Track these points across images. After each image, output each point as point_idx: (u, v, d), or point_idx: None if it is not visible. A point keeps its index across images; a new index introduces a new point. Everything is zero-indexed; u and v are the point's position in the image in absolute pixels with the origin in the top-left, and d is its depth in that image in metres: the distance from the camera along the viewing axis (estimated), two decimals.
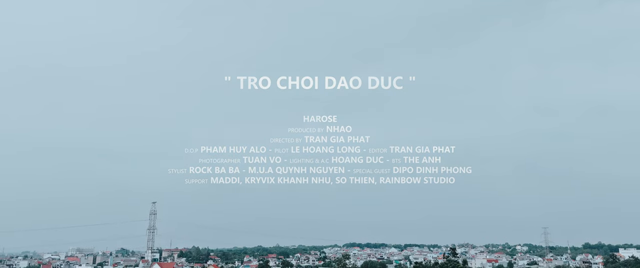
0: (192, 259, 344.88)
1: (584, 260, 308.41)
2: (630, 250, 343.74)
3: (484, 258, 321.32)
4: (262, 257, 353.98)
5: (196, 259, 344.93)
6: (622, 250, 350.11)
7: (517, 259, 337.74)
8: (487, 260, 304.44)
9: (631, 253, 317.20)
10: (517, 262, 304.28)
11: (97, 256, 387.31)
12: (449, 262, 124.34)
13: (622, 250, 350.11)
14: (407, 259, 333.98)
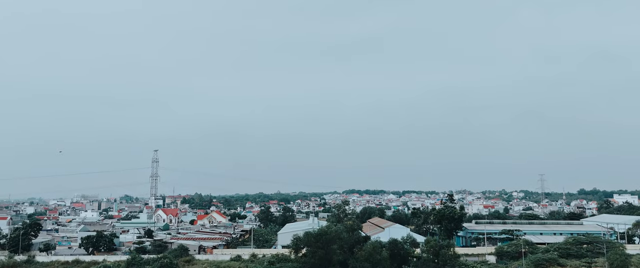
0: (195, 205, 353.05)
1: (578, 205, 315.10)
2: (624, 196, 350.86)
3: (480, 204, 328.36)
4: (263, 203, 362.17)
5: (199, 205, 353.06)
6: (617, 196, 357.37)
7: (513, 205, 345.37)
8: (484, 205, 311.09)
9: (625, 198, 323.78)
10: (512, 208, 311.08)
11: (102, 202, 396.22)
12: (446, 208, 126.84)
13: (617, 196, 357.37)
14: (405, 205, 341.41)
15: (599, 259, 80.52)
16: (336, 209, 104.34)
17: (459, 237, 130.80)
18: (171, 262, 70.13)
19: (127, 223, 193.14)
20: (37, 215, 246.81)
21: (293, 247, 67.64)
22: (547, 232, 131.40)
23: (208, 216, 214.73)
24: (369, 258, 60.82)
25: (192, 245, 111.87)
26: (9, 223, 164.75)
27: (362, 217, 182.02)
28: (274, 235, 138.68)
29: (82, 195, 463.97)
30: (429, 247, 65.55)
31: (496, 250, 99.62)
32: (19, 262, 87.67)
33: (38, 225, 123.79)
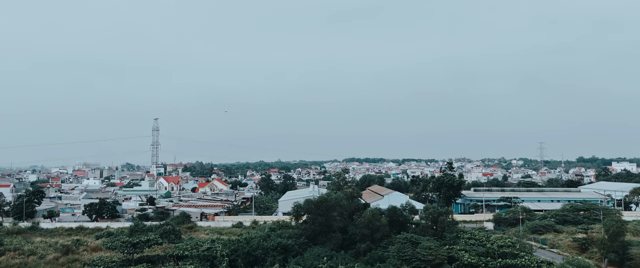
0: (196, 173, 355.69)
1: (577, 173, 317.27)
2: (623, 164, 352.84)
3: (479, 171, 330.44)
4: (264, 171, 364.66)
5: (200, 173, 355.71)
6: (615, 164, 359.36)
7: (512, 173, 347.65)
8: (483, 173, 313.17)
9: (624, 166, 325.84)
10: (511, 176, 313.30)
11: (104, 170, 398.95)
12: (445, 176, 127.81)
13: (615, 164, 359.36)
14: (405, 173, 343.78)
15: (596, 226, 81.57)
16: (336, 177, 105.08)
17: (457, 204, 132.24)
18: (174, 228, 71.13)
19: (129, 190, 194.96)
20: (39, 182, 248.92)
21: (294, 214, 68.42)
22: (545, 200, 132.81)
23: (209, 184, 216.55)
24: (368, 225, 61.59)
25: (194, 212, 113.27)
26: (12, 190, 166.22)
27: (362, 185, 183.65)
28: (275, 203, 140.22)
29: (83, 163, 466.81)
30: (428, 213, 66.28)
31: (494, 217, 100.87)
32: (24, 228, 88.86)
33: (41, 192, 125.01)
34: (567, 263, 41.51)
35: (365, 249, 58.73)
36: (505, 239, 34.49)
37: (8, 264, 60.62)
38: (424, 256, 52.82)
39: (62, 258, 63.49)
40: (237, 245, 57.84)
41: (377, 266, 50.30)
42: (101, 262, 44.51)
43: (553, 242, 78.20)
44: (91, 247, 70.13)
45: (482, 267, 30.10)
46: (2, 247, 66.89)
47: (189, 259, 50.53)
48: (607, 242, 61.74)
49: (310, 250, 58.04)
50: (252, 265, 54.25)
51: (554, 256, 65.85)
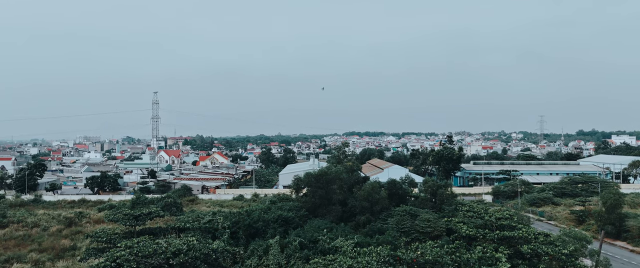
0: (197, 147, 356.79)
1: (576, 146, 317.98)
2: (622, 137, 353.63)
3: (479, 145, 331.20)
4: (264, 144, 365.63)
5: (201, 147, 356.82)
6: (615, 137, 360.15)
7: (512, 146, 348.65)
8: (483, 147, 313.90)
9: (623, 139, 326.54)
10: (511, 149, 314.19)
11: (104, 144, 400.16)
12: (444, 149, 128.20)
13: (615, 137, 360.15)
14: (405, 147, 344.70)
15: (593, 198, 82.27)
16: (336, 151, 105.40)
17: (456, 177, 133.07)
18: (175, 201, 71.78)
19: (130, 164, 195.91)
20: (41, 156, 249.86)
21: (294, 187, 68.89)
22: (544, 172, 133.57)
23: (210, 157, 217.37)
24: (367, 198, 62.10)
25: (195, 185, 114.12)
26: (14, 163, 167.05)
27: (362, 159, 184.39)
28: (275, 176, 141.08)
29: (84, 137, 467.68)
30: (427, 186, 66.73)
31: (493, 190, 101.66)
32: (26, 201, 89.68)
33: (43, 165, 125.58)
34: (563, 235, 41.97)
35: (364, 221, 59.38)
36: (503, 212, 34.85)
37: (12, 236, 61.38)
38: (422, 228, 53.43)
39: (65, 230, 64.25)
40: (238, 217, 58.44)
41: (376, 238, 50.90)
42: (104, 234, 45.02)
43: (551, 214, 78.99)
44: (94, 219, 70.91)
45: (480, 238, 30.49)
46: (5, 219, 67.60)
47: (191, 231, 51.11)
48: (604, 214, 62.35)
49: (310, 222, 58.67)
50: (253, 237, 54.92)
51: (552, 228, 66.62)
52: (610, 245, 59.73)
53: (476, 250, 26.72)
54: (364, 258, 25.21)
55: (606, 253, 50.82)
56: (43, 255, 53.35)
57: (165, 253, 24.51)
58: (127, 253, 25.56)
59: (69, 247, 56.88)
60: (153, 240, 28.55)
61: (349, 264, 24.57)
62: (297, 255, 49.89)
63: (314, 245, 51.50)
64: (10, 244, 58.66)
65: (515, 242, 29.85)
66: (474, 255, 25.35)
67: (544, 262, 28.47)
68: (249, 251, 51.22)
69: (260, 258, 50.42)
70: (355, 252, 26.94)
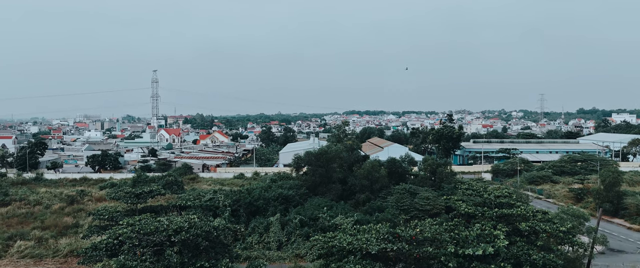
0: (197, 125, 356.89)
1: (576, 124, 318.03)
2: (622, 115, 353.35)
3: (479, 123, 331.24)
4: (264, 123, 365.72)
5: (201, 125, 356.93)
6: (615, 115, 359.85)
7: (512, 124, 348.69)
8: (483, 125, 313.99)
9: (623, 117, 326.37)
10: (511, 127, 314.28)
11: (105, 122, 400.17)
12: (444, 128, 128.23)
13: (615, 115, 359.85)
14: (405, 125, 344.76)
15: (592, 176, 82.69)
16: (336, 130, 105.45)
17: (456, 155, 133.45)
18: (176, 179, 72.15)
19: (131, 142, 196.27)
20: (41, 134, 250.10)
21: (294, 166, 69.15)
22: (543, 151, 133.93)
23: (210, 136, 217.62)
24: (367, 176, 62.42)
25: (196, 164, 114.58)
26: (15, 142, 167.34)
27: (362, 137, 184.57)
28: (276, 155, 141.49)
29: (84, 115, 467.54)
30: (427, 165, 66.98)
31: (492, 168, 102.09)
32: (28, 179, 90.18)
33: (44, 144, 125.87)
34: (562, 213, 42.29)
35: (364, 199, 59.82)
36: (502, 190, 35.08)
37: (14, 214, 61.91)
38: (421, 206, 53.86)
39: (67, 208, 64.78)
40: (239, 195, 58.84)
41: (376, 215, 51.37)
42: (106, 212, 45.34)
43: (549, 192, 79.48)
44: (95, 198, 71.42)
45: (479, 216, 30.74)
46: (7, 197, 68.08)
47: (192, 209, 51.49)
48: (602, 192, 62.74)
49: (310, 200, 59.11)
50: (253, 215, 55.41)
51: (550, 206, 67.16)
52: (607, 222, 60.28)
53: (475, 227, 26.98)
54: (364, 235, 25.47)
55: (603, 230, 51.36)
56: (46, 232, 53.91)
57: (167, 231, 24.73)
58: (129, 230, 25.79)
59: (71, 224, 57.43)
60: (155, 217, 28.77)
61: (348, 241, 24.84)
62: (298, 233, 50.45)
63: (314, 222, 52.04)
64: (13, 222, 59.22)
65: (513, 220, 30.11)
66: (473, 233, 25.60)
67: (541, 239, 28.77)
68: (250, 228, 51.76)
69: (261, 236, 50.99)
70: (355, 229, 27.19)
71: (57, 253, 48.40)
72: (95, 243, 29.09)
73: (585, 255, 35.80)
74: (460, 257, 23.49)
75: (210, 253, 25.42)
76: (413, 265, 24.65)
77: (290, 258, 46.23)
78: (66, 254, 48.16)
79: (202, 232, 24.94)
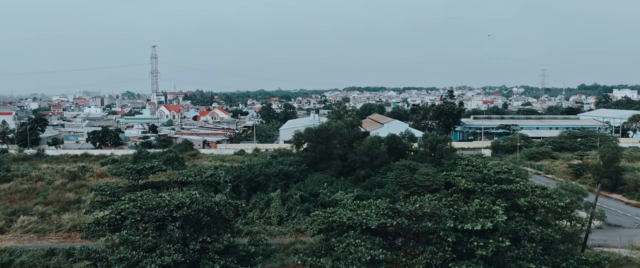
0: (197, 102, 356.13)
1: (577, 100, 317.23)
2: (624, 91, 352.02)
3: (480, 99, 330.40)
4: (264, 100, 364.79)
5: (201, 102, 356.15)
6: (616, 91, 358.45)
7: (512, 100, 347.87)
8: (483, 101, 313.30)
9: (625, 93, 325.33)
10: (511, 103, 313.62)
11: (104, 98, 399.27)
12: (445, 104, 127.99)
13: (616, 91, 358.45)
14: (405, 102, 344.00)
15: (592, 152, 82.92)
16: (336, 106, 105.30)
17: (456, 132, 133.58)
18: (177, 155, 72.36)
19: (131, 118, 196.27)
20: (41, 110, 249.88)
21: (294, 142, 69.28)
22: (544, 127, 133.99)
23: (210, 112, 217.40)
24: (367, 152, 62.62)
25: (196, 140, 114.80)
26: (15, 118, 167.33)
27: (362, 114, 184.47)
28: (276, 131, 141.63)
29: (84, 91, 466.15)
30: (427, 141, 67.09)
31: (492, 144, 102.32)
32: (30, 155, 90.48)
33: (44, 120, 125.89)
34: (560, 188, 42.58)
35: (364, 175, 60.13)
36: (502, 165, 35.23)
37: (17, 189, 62.34)
38: (421, 182, 54.18)
39: (69, 183, 65.19)
40: (240, 171, 59.13)
41: (376, 191, 51.72)
42: (108, 188, 45.65)
43: (549, 168, 79.84)
44: (97, 173, 71.79)
45: (478, 192, 30.94)
46: (9, 173, 68.43)
47: (193, 185, 51.82)
48: (601, 168, 63.02)
49: (310, 176, 59.44)
50: (254, 191, 55.80)
51: (549, 181, 67.55)
52: (606, 198, 60.73)
53: (474, 202, 27.16)
54: (364, 210, 25.67)
55: (601, 205, 51.78)
56: (49, 207, 54.38)
57: (168, 206, 24.94)
58: (131, 206, 26.00)
59: (73, 200, 57.89)
60: (156, 193, 28.98)
61: (348, 216, 25.06)
62: (298, 208, 50.90)
63: (314, 198, 52.46)
64: (16, 197, 59.68)
65: (512, 195, 30.32)
66: (472, 208, 25.79)
67: (540, 214, 29.00)
68: (250, 204, 52.20)
69: (262, 211, 51.45)
70: (355, 204, 27.39)
71: (61, 228, 48.94)
72: (98, 219, 29.39)
73: (583, 230, 36.18)
74: (459, 231, 23.71)
75: (212, 228, 25.68)
76: (412, 240, 24.92)
77: (291, 233, 46.77)
78: (69, 229, 48.70)
79: (204, 208, 25.14)
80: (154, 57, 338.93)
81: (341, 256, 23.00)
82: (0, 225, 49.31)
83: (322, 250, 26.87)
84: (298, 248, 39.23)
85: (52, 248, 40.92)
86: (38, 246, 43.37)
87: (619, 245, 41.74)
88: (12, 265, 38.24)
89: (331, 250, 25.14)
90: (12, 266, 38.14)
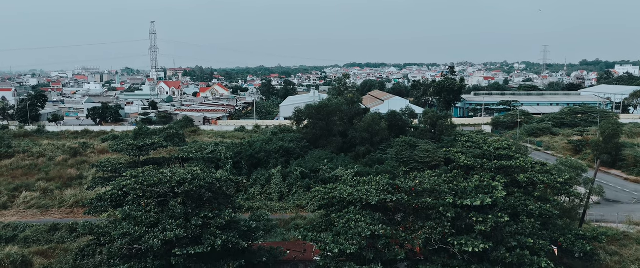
0: (197, 78, 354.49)
1: (578, 76, 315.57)
2: (626, 67, 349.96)
3: (481, 75, 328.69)
4: (264, 76, 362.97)
5: (200, 78, 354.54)
6: (618, 67, 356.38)
7: (513, 76, 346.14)
8: (484, 77, 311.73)
9: (626, 69, 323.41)
10: (513, 79, 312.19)
11: (104, 75, 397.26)
12: (446, 80, 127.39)
13: (618, 67, 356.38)
14: (406, 78, 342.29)
15: (592, 128, 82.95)
16: (337, 82, 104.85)
17: (457, 108, 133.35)
18: (177, 132, 72.42)
19: (131, 95, 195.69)
20: (40, 86, 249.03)
21: (295, 119, 69.26)
22: (544, 103, 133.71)
23: (210, 89, 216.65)
24: (368, 129, 62.65)
25: (197, 117, 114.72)
26: (14, 94, 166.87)
27: (363, 90, 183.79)
28: (276, 108, 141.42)
29: (83, 67, 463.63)
30: (427, 117, 67.06)
31: (493, 121, 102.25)
32: (30, 131, 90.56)
33: (44, 96, 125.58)
34: (560, 164, 42.77)
35: (364, 152, 60.30)
36: (501, 142, 35.28)
37: (18, 165, 62.60)
38: (421, 158, 54.37)
39: (70, 160, 65.41)
40: (241, 148, 59.31)
41: (376, 167, 51.96)
42: (109, 164, 45.86)
43: (549, 144, 79.98)
44: (98, 150, 71.97)
45: (478, 168, 31.11)
46: (10, 149, 68.59)
47: (194, 161, 52.02)
48: (601, 144, 63.14)
49: (311, 152, 59.63)
50: (255, 167, 56.07)
51: (549, 157, 67.77)
52: (605, 173, 61.02)
53: (473, 179, 27.33)
54: (364, 186, 25.86)
55: (600, 181, 52.09)
56: (51, 183, 54.74)
57: (170, 182, 25.09)
58: (133, 182, 26.15)
59: (75, 176, 58.22)
60: (157, 170, 29.14)
61: (348, 192, 25.25)
62: (299, 184, 51.24)
63: (314, 174, 52.76)
64: (18, 173, 60.00)
65: (512, 171, 30.50)
66: (471, 184, 25.96)
67: (539, 190, 29.23)
68: (251, 180, 52.52)
69: (262, 187, 51.80)
70: (355, 181, 27.57)
71: (63, 204, 49.37)
72: (100, 194, 29.62)
73: (581, 205, 36.49)
74: (458, 207, 23.93)
75: (214, 204, 25.90)
76: (412, 216, 25.17)
77: (292, 209, 47.19)
78: (72, 205, 49.13)
79: (205, 184, 25.30)
80: (153, 32, 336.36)
81: (341, 231, 23.27)
82: (3, 201, 49.73)
83: (322, 226, 27.19)
84: (299, 224, 39.67)
85: (55, 224, 41.37)
86: (41, 221, 43.85)
87: (616, 221, 42.15)
88: (16, 240, 38.72)
89: (332, 226, 25.43)
90: (16, 241, 38.62)
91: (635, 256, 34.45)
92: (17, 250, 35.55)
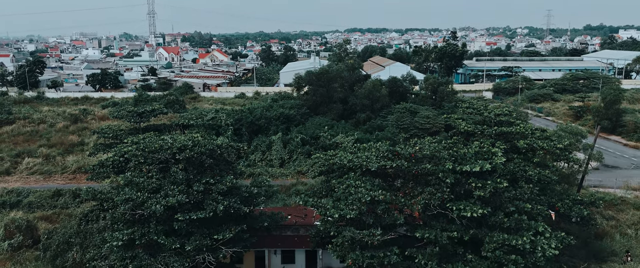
0: (196, 44, 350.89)
1: (582, 41, 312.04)
2: (630, 31, 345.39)
3: (483, 41, 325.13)
4: (264, 42, 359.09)
5: (199, 44, 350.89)
6: (622, 32, 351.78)
7: (516, 42, 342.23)
8: (486, 43, 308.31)
9: (630, 34, 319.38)
10: (515, 45, 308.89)
11: (102, 40, 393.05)
12: (447, 46, 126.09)
13: (622, 32, 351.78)
14: (407, 43, 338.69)
15: (593, 94, 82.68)
16: (337, 48, 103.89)
17: (458, 74, 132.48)
18: (177, 98, 72.30)
19: (130, 61, 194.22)
20: (38, 52, 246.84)
21: (295, 85, 68.98)
22: (546, 69, 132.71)
23: (210, 55, 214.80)
24: (368, 96, 62.46)
25: (196, 83, 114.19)
26: (12, 60, 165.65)
27: (363, 56, 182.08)
28: (276, 74, 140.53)
29: (81, 33, 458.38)
30: (428, 84, 66.77)
31: (494, 87, 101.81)
32: (30, 98, 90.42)
33: (42, 62, 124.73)
34: (559, 130, 42.82)
35: (365, 118, 60.32)
36: (502, 108, 35.18)
37: (20, 132, 62.78)
38: (421, 125, 54.45)
39: (71, 126, 65.56)
40: (241, 114, 59.32)
41: (376, 134, 52.10)
42: (110, 130, 45.89)
43: (549, 110, 79.90)
44: (98, 116, 72.05)
45: (478, 134, 31.14)
46: (11, 115, 68.65)
47: (195, 128, 52.06)
48: (602, 110, 63.07)
49: (311, 119, 59.67)
50: (255, 134, 56.22)
51: (549, 123, 67.82)
52: (605, 139, 61.20)
53: (473, 145, 27.39)
54: (364, 153, 25.95)
55: (600, 147, 52.28)
56: (53, 150, 55.01)
57: (171, 149, 25.19)
58: (134, 148, 26.26)
59: (76, 142, 58.47)
60: (158, 136, 29.20)
61: (349, 159, 25.37)
62: (299, 151, 51.49)
63: (315, 141, 52.96)
64: (19, 139, 60.24)
65: (512, 137, 30.51)
66: (471, 150, 26.03)
67: (538, 156, 29.33)
68: (252, 147, 52.76)
69: (263, 154, 52.09)
70: (355, 147, 27.64)
71: (66, 170, 49.76)
72: (102, 161, 29.79)
73: (580, 171, 36.74)
74: (457, 173, 24.07)
75: (215, 170, 26.06)
76: (411, 181, 25.36)
77: (292, 175, 47.58)
78: (74, 171, 49.54)
79: (206, 150, 25.40)
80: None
81: (341, 197, 23.51)
82: (5, 167, 50.12)
83: (323, 191, 27.46)
84: (299, 190, 40.08)
85: (58, 189, 41.82)
86: (44, 187, 44.31)
87: (614, 186, 42.54)
88: (20, 205, 39.23)
89: (332, 191, 25.67)
90: (21, 206, 39.14)
91: (631, 220, 34.95)
92: (22, 215, 36.06)
